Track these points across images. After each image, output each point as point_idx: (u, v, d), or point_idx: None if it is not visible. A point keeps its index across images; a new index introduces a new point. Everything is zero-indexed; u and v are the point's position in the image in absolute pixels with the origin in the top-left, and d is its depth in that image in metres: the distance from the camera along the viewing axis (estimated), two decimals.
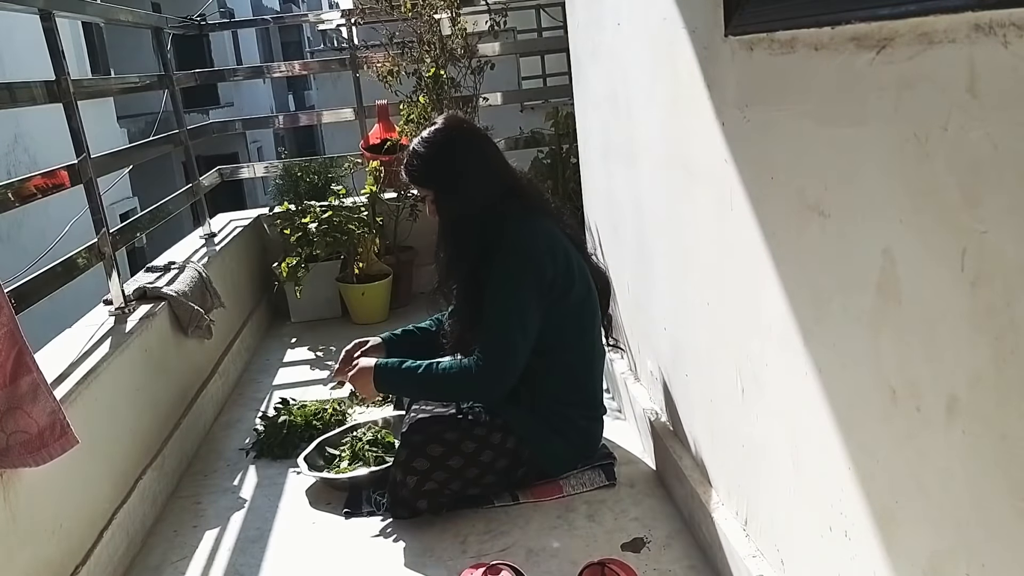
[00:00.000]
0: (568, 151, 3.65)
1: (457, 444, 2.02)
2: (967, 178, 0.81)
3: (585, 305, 2.11)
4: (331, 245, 3.58)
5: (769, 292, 1.32)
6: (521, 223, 2.04)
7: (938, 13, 0.81)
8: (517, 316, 2.00)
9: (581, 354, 2.13)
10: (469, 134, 2.13)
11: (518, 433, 2.06)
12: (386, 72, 3.71)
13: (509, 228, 2.02)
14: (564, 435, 2.11)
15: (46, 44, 2.30)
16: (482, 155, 2.09)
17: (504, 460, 2.06)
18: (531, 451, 2.08)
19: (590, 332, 2.14)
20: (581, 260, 2.15)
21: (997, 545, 0.84)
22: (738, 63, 1.35)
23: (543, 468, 2.12)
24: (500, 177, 2.09)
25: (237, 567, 1.97)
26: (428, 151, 2.06)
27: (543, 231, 2.06)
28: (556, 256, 2.04)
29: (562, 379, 2.11)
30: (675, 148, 1.78)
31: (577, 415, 2.14)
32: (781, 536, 1.44)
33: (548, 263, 2.02)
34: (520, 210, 2.07)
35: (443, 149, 2.05)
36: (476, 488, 2.06)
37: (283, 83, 21.50)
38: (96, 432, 1.97)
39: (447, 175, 2.06)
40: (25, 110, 5.21)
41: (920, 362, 0.93)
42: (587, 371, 2.16)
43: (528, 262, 2.01)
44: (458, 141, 2.07)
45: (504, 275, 2.00)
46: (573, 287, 2.07)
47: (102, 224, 2.42)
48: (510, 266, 2.00)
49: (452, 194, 2.06)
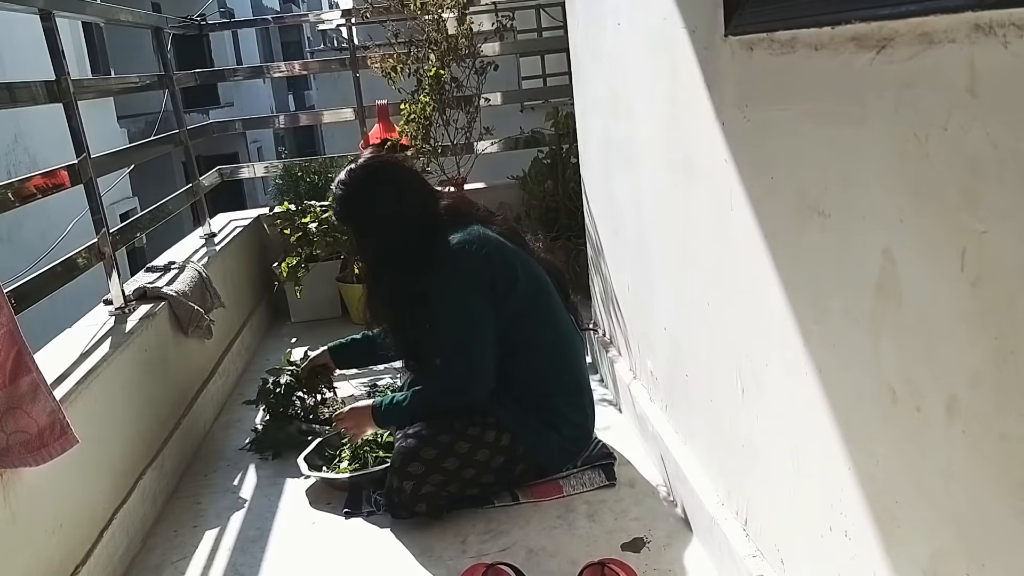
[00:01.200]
0: (568, 151, 3.65)
1: (451, 446, 2.03)
2: (967, 178, 0.81)
3: (537, 299, 2.14)
4: (331, 245, 3.58)
5: (769, 292, 1.32)
6: (447, 235, 2.09)
7: (938, 13, 0.81)
8: (472, 327, 2.06)
9: (548, 346, 2.15)
10: (382, 165, 2.21)
11: (511, 429, 2.07)
12: (389, 68, 3.71)
13: (439, 242, 2.08)
14: (555, 427, 2.12)
15: (46, 44, 2.30)
16: (396, 182, 2.16)
17: (500, 457, 2.06)
18: (524, 447, 2.08)
19: (551, 323, 2.17)
20: (523, 256, 2.18)
21: (997, 545, 0.84)
22: (738, 63, 1.35)
23: (539, 462, 2.13)
24: (418, 198, 2.16)
25: (237, 567, 1.97)
26: (343, 192, 2.15)
27: (472, 236, 2.09)
28: (491, 256, 2.07)
29: (535, 375, 2.13)
30: (675, 148, 1.78)
31: (562, 406, 2.15)
32: (781, 536, 1.44)
33: (483, 265, 2.06)
34: (446, 224, 2.12)
35: (357, 187, 2.14)
36: (475, 488, 2.06)
37: (283, 83, 21.50)
38: (96, 432, 1.97)
39: (361, 209, 2.14)
40: (25, 110, 5.22)
41: (920, 362, 0.93)
42: (559, 361, 2.16)
43: (461, 271, 2.06)
44: (370, 175, 2.15)
45: (444, 291, 2.07)
46: (517, 283, 2.10)
47: (102, 224, 2.42)
48: (444, 281, 2.06)
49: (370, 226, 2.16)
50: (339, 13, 4.45)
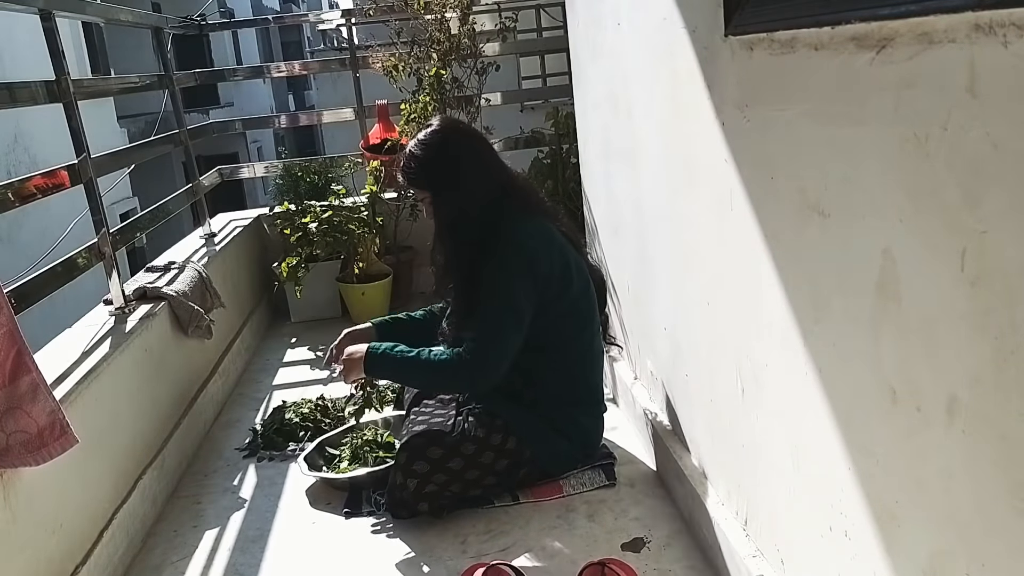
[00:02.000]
0: (568, 151, 3.65)
1: (457, 446, 2.02)
2: (967, 178, 0.81)
3: (583, 302, 2.12)
4: (331, 245, 3.58)
5: (769, 292, 1.32)
6: (517, 222, 2.05)
7: (938, 13, 0.81)
8: (509, 312, 2.00)
9: (580, 351, 2.13)
10: (465, 135, 2.14)
11: (518, 433, 2.06)
12: (391, 66, 3.70)
13: (506, 227, 2.04)
14: (565, 434, 2.11)
15: (46, 44, 2.30)
16: (477, 156, 2.10)
17: (504, 461, 2.06)
18: (532, 451, 2.08)
19: (588, 329, 2.15)
20: (578, 258, 2.16)
21: (997, 545, 0.84)
22: (738, 63, 1.35)
23: (544, 467, 2.12)
24: (495, 178, 2.10)
25: (237, 567, 1.97)
26: (424, 153, 2.06)
27: (539, 229, 2.07)
28: (552, 254, 2.05)
29: (562, 376, 2.12)
30: (675, 148, 1.78)
31: (578, 413, 2.14)
32: (781, 536, 1.44)
33: (544, 261, 2.03)
34: (516, 210, 2.08)
35: (439, 151, 2.06)
36: (477, 489, 2.06)
37: (283, 83, 21.50)
38: (96, 432, 1.97)
39: (443, 177, 2.06)
40: (25, 110, 5.21)
41: (920, 362, 0.93)
42: (587, 368, 2.16)
43: (524, 259, 2.01)
44: (453, 142, 2.08)
45: (499, 271, 2.01)
46: (571, 284, 2.08)
47: (102, 224, 2.42)
48: (506, 263, 2.01)
49: (449, 195, 2.07)
50: (339, 13, 4.45)
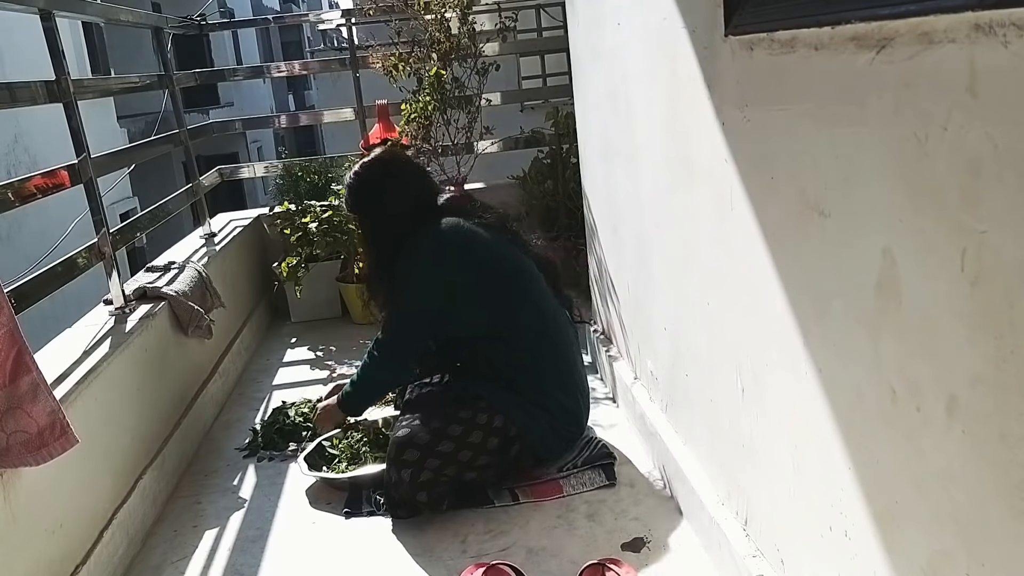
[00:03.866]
0: (568, 151, 3.65)
1: (443, 429, 2.06)
2: (967, 178, 0.81)
3: (514, 285, 2.23)
4: (331, 245, 3.58)
5: (769, 292, 1.32)
6: (431, 227, 2.21)
7: (938, 13, 0.81)
8: (405, 309, 2.22)
9: (528, 331, 2.20)
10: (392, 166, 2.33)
11: (501, 410, 2.11)
12: (391, 66, 3.70)
13: (419, 233, 2.21)
14: (544, 407, 2.17)
15: (46, 44, 2.30)
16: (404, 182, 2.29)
17: (495, 439, 2.09)
18: (518, 429, 2.11)
19: (530, 309, 2.23)
20: (504, 245, 2.26)
21: (997, 545, 0.84)
22: (738, 63, 1.35)
23: (531, 446, 2.15)
24: (419, 197, 2.29)
25: (237, 567, 1.97)
26: (353, 183, 2.30)
27: (446, 225, 2.22)
28: (472, 248, 2.21)
29: (525, 360, 2.19)
30: (675, 148, 1.78)
31: (555, 392, 2.20)
32: (781, 536, 1.44)
33: (451, 251, 2.19)
34: (435, 219, 2.23)
35: (365, 182, 2.28)
36: (472, 471, 2.07)
37: (283, 83, 21.49)
38: (96, 432, 1.97)
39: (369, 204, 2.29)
40: (25, 110, 5.21)
41: (920, 362, 0.93)
42: (542, 346, 2.21)
43: (429, 251, 2.19)
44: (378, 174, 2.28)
45: (402, 266, 2.20)
46: (493, 269, 2.21)
47: (102, 224, 2.42)
48: (413, 257, 2.20)
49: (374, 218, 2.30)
50: (339, 13, 4.44)
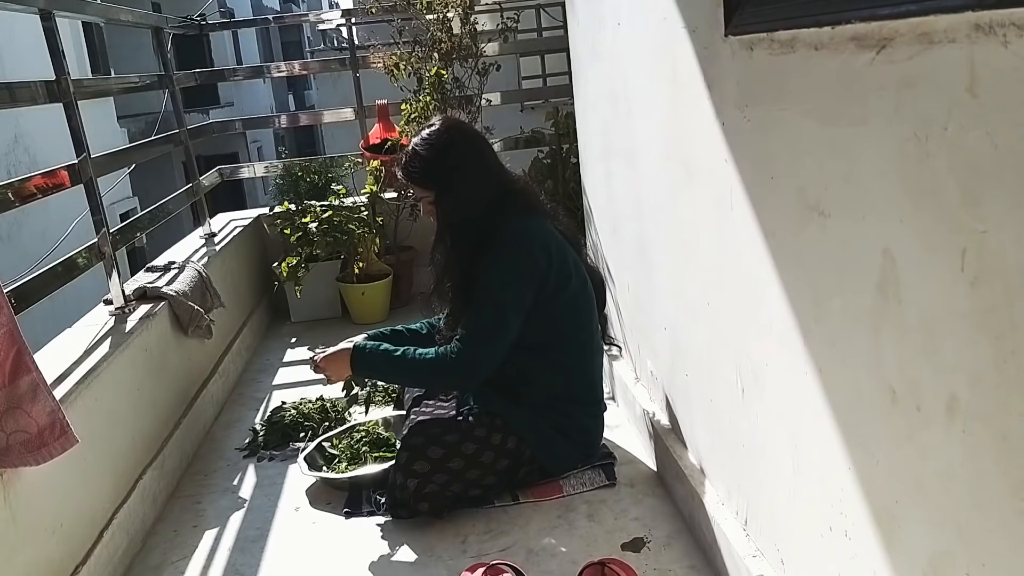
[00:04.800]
0: (568, 151, 3.65)
1: (457, 446, 2.02)
2: (967, 178, 0.81)
3: (580, 301, 2.13)
4: (331, 245, 3.58)
5: (769, 292, 1.32)
6: (515, 221, 2.06)
7: (938, 13, 0.81)
8: (501, 307, 2.01)
9: (578, 350, 2.14)
10: (467, 136, 2.15)
11: (519, 433, 2.07)
12: (392, 65, 3.70)
13: (503, 226, 2.05)
14: (565, 433, 2.12)
15: (46, 44, 2.30)
16: (480, 156, 2.11)
17: (505, 460, 2.06)
18: (532, 450, 2.08)
19: (587, 328, 2.16)
20: (576, 257, 2.17)
21: (997, 545, 0.84)
22: (738, 63, 1.35)
23: (545, 467, 2.12)
24: (496, 178, 2.11)
25: (237, 567, 1.97)
26: (427, 152, 2.06)
27: (538, 228, 2.08)
28: (550, 253, 2.06)
29: (561, 375, 2.12)
30: (675, 148, 1.78)
31: (577, 412, 2.14)
32: (781, 536, 1.44)
33: (541, 259, 2.04)
34: (515, 209, 2.09)
35: (442, 151, 2.06)
36: (477, 489, 2.06)
37: (283, 83, 21.50)
38: (96, 432, 1.97)
39: (446, 176, 2.07)
40: (25, 110, 5.21)
41: (920, 362, 0.93)
42: (585, 367, 2.16)
43: (519, 258, 2.02)
44: (457, 142, 2.08)
45: (493, 268, 2.02)
46: (569, 283, 2.08)
47: (102, 224, 2.42)
48: (501, 260, 2.02)
49: (450, 195, 2.07)
50: (339, 13, 4.45)
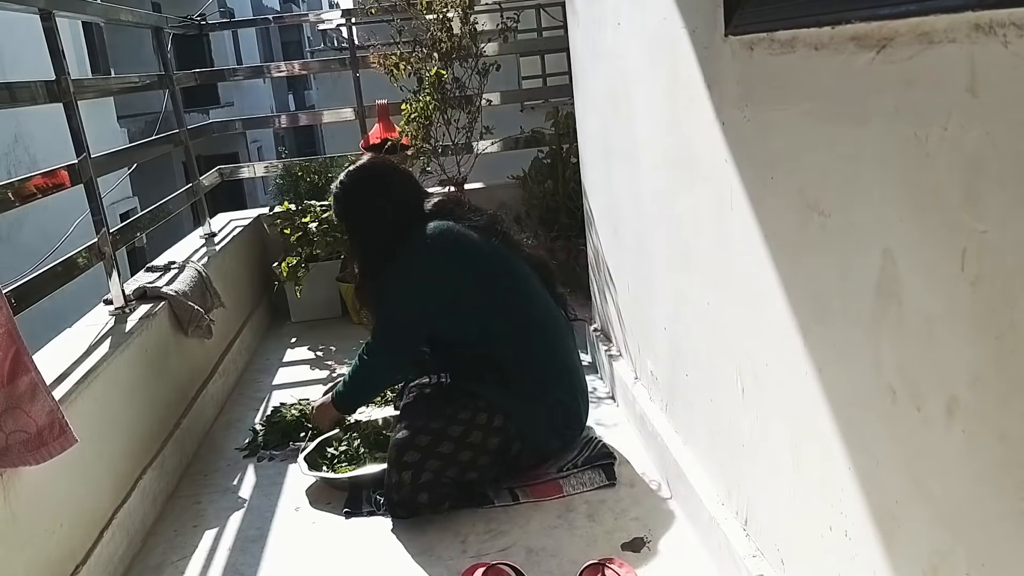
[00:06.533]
0: (568, 151, 3.65)
1: (444, 430, 2.06)
2: (967, 178, 0.81)
3: (505, 286, 2.23)
4: (331, 245, 3.58)
5: (769, 292, 1.32)
6: (419, 231, 2.20)
7: (938, 13, 0.81)
8: (395, 311, 2.23)
9: (521, 331, 2.21)
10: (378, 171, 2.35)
11: (501, 410, 2.10)
12: (391, 65, 3.70)
13: (408, 238, 2.21)
14: (542, 404, 2.16)
15: (46, 44, 2.30)
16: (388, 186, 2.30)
17: (495, 438, 2.09)
18: (517, 426, 2.11)
19: (522, 310, 2.23)
20: (493, 246, 2.25)
21: (997, 545, 0.84)
22: (738, 63, 1.35)
23: (532, 444, 2.15)
24: (407, 203, 2.29)
25: (237, 567, 1.97)
26: (339, 192, 2.32)
27: (436, 228, 2.20)
28: (461, 251, 2.19)
29: (521, 360, 2.19)
30: (675, 148, 1.78)
31: (549, 385, 2.20)
32: (781, 536, 1.44)
33: (446, 260, 2.18)
34: (431, 219, 2.23)
35: (350, 192, 2.30)
36: (473, 471, 2.07)
37: (283, 83, 21.50)
38: (96, 432, 1.97)
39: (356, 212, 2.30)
40: (25, 110, 5.21)
41: (920, 362, 0.93)
42: (537, 345, 2.21)
43: (420, 255, 2.19)
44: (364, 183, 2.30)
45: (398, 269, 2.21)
46: (492, 276, 2.21)
47: (102, 224, 2.42)
48: (405, 261, 2.20)
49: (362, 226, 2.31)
50: (339, 13, 4.44)
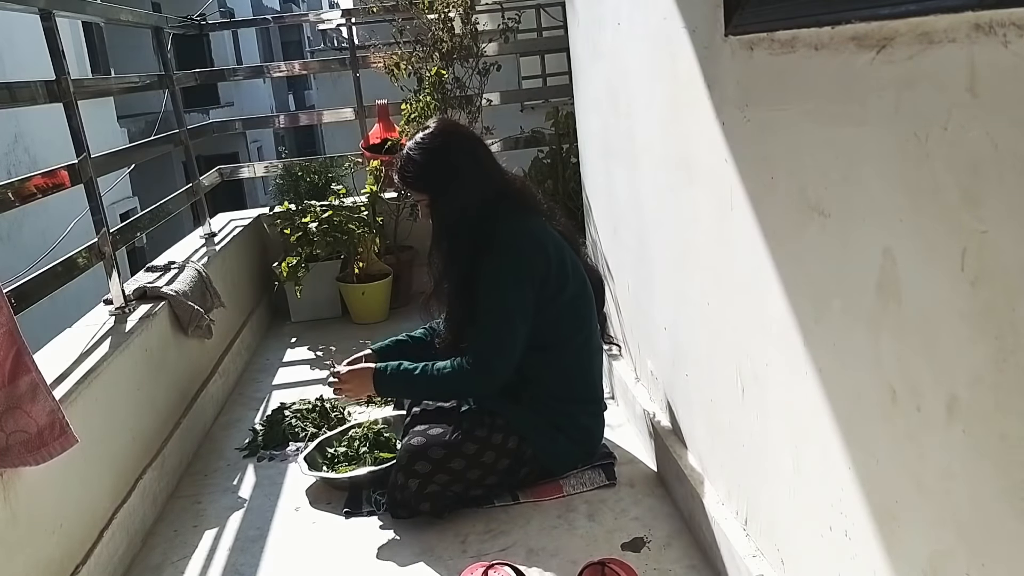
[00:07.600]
0: (568, 151, 3.65)
1: (459, 446, 2.02)
2: (967, 178, 0.81)
3: (580, 301, 2.13)
4: (331, 245, 3.58)
5: (769, 292, 1.32)
6: (513, 222, 2.06)
7: (938, 13, 0.81)
8: (509, 313, 2.02)
9: (578, 350, 2.14)
10: (463, 138, 2.14)
11: (520, 432, 2.07)
12: (392, 65, 3.70)
13: (501, 228, 2.04)
14: (566, 432, 2.12)
15: (46, 44, 2.30)
16: (474, 159, 2.09)
17: (506, 460, 2.06)
18: (533, 450, 2.08)
19: (586, 328, 2.16)
20: (575, 257, 2.16)
21: (997, 545, 0.84)
22: (738, 63, 1.35)
23: (546, 466, 2.12)
24: (492, 179, 2.10)
25: (237, 566, 1.97)
26: (421, 157, 2.06)
27: (535, 229, 2.08)
28: (549, 254, 2.05)
29: (561, 375, 2.12)
30: (675, 148, 1.78)
31: (578, 411, 2.14)
32: (781, 536, 1.44)
33: (540, 262, 2.04)
34: (512, 211, 2.09)
35: (436, 154, 2.06)
36: (479, 489, 2.06)
37: (283, 83, 21.49)
38: (96, 432, 1.97)
39: (440, 180, 2.06)
40: (25, 110, 5.21)
41: (920, 362, 0.93)
42: (585, 367, 2.16)
43: (520, 260, 2.02)
44: (452, 145, 2.08)
45: (495, 273, 2.02)
46: (568, 283, 2.08)
47: (102, 224, 2.42)
48: (502, 264, 2.02)
49: (445, 199, 2.07)
50: (339, 13, 4.45)
